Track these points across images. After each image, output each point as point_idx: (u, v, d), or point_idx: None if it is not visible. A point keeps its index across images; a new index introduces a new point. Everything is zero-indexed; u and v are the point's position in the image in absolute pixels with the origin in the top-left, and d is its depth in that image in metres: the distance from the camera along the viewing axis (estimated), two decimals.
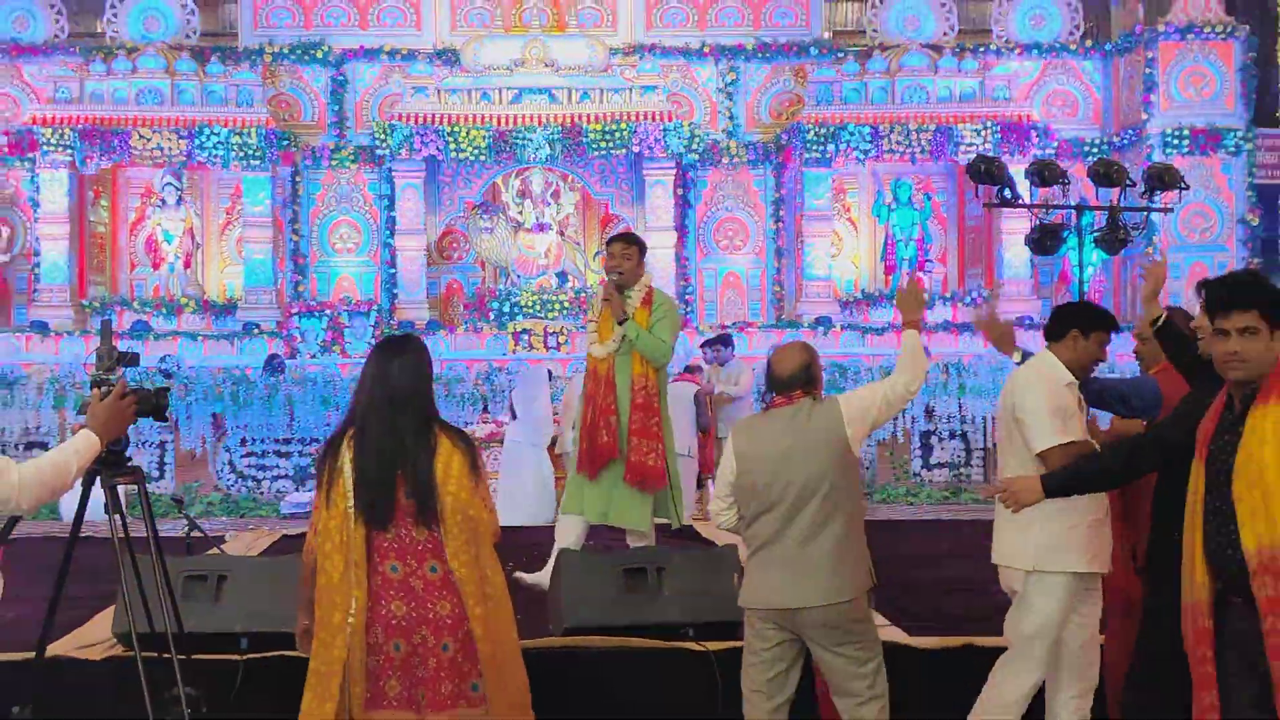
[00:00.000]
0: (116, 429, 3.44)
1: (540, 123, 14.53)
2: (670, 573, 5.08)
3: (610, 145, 14.58)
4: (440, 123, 14.53)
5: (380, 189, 15.58)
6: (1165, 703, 3.44)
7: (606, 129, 14.50)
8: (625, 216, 15.27)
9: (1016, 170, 11.44)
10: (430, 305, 15.29)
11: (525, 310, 14.67)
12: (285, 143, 15.12)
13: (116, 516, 3.75)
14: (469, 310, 15.29)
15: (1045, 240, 10.10)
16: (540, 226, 15.32)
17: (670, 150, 14.75)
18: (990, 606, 5.75)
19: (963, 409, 12.53)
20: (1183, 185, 9.82)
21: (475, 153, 14.65)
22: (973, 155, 11.59)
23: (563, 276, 15.30)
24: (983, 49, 15.51)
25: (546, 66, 14.81)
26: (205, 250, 15.63)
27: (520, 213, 15.32)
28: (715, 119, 15.85)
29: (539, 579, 6.10)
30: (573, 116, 14.52)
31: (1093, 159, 12.50)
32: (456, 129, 14.50)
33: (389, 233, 15.47)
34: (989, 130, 14.58)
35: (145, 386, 3.74)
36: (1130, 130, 15.07)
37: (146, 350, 13.00)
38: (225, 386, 12.41)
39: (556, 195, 15.46)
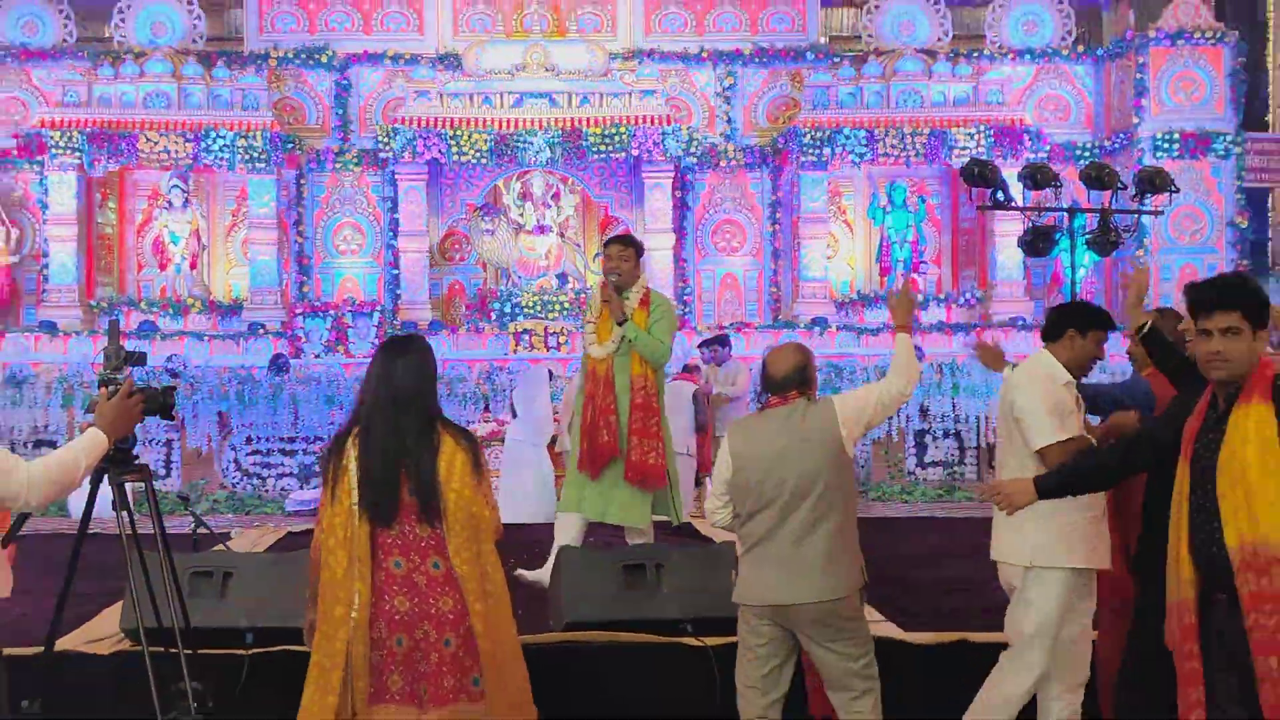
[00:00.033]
0: (124, 427, 3.45)
1: (541, 126, 14.57)
2: (669, 569, 5.08)
3: (610, 149, 14.62)
4: (442, 126, 14.56)
5: (383, 191, 15.62)
6: (1156, 701, 3.42)
7: (606, 133, 14.54)
8: (624, 219, 15.29)
9: (1009, 173, 11.49)
10: (433, 306, 15.33)
11: (526, 311, 14.68)
12: (290, 146, 15.16)
13: (124, 514, 3.75)
14: (471, 311, 15.32)
15: (1038, 242, 10.15)
16: (541, 228, 15.35)
17: (669, 153, 14.78)
18: (984, 603, 5.80)
19: (956, 408, 12.56)
20: (1173, 188, 9.89)
21: (477, 156, 14.68)
22: (966, 159, 11.62)
23: (563, 278, 15.30)
24: (976, 54, 15.59)
25: (547, 71, 14.85)
26: (211, 251, 15.68)
27: (521, 215, 15.34)
28: (713, 123, 15.88)
29: (540, 576, 6.08)
30: (573, 120, 14.57)
31: (1084, 162, 12.50)
32: (458, 132, 14.54)
33: (392, 234, 15.50)
34: (982, 134, 14.65)
35: (152, 386, 3.72)
36: (1121, 134, 15.14)
37: (153, 350, 13.08)
38: (231, 386, 12.44)
39: (557, 198, 15.47)
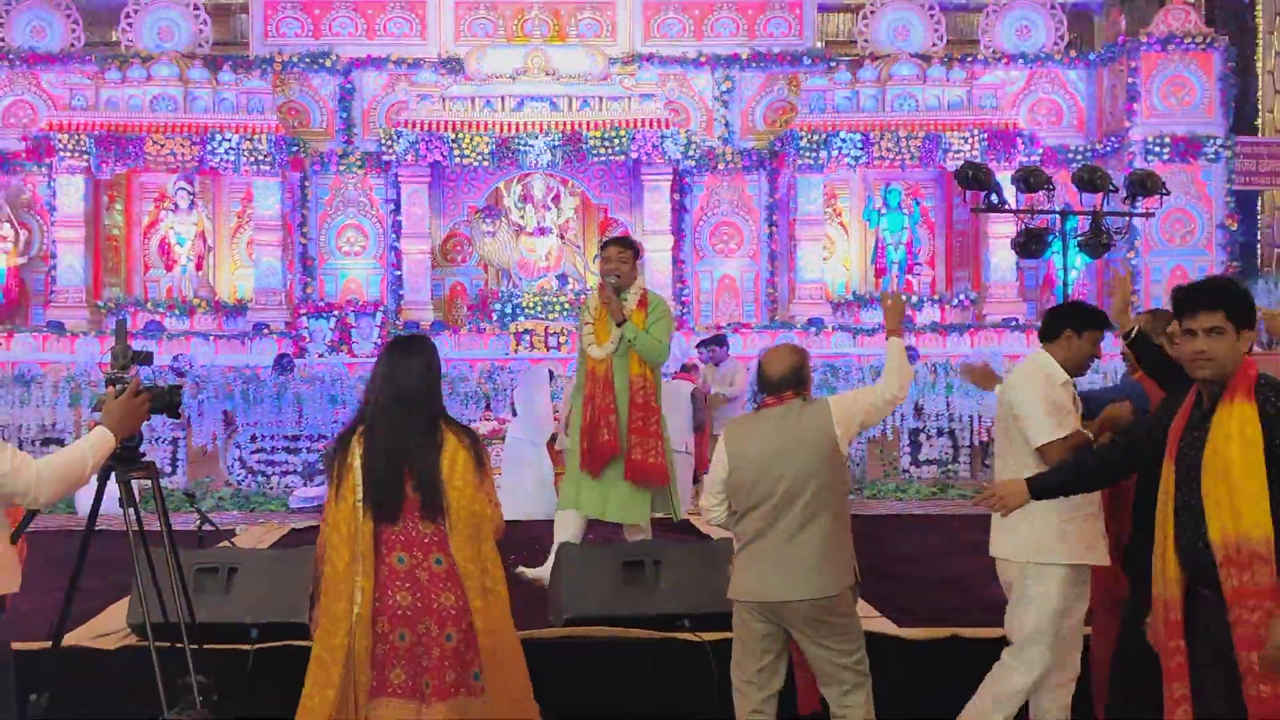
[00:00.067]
0: (131, 426, 3.48)
1: (541, 130, 14.66)
2: (667, 566, 5.11)
3: (609, 152, 14.69)
4: (444, 129, 14.65)
5: (386, 193, 15.71)
6: (1148, 698, 3.42)
7: (605, 136, 14.61)
8: (624, 221, 15.39)
9: (1003, 176, 11.52)
10: (435, 306, 15.41)
11: (527, 311, 14.73)
12: (294, 149, 15.26)
13: (130, 510, 3.79)
14: (472, 311, 15.42)
15: (1030, 244, 10.13)
16: (541, 230, 15.42)
17: (667, 156, 14.87)
18: (977, 599, 6.02)
19: (950, 407, 12.61)
20: (1164, 191, 9.89)
21: (478, 158, 14.77)
22: (961, 162, 11.59)
23: (563, 279, 15.36)
24: (970, 59, 15.66)
25: (548, 75, 14.93)
26: (217, 253, 15.77)
27: (522, 217, 15.41)
28: (711, 126, 15.96)
29: (540, 574, 6.11)
30: (573, 124, 14.64)
31: (1077, 165, 12.51)
32: (460, 135, 14.62)
33: (395, 236, 15.58)
34: (976, 138, 14.74)
35: (158, 384, 3.81)
36: (1113, 138, 15.22)
37: (159, 350, 13.21)
38: (236, 385, 12.48)
39: (557, 200, 15.53)
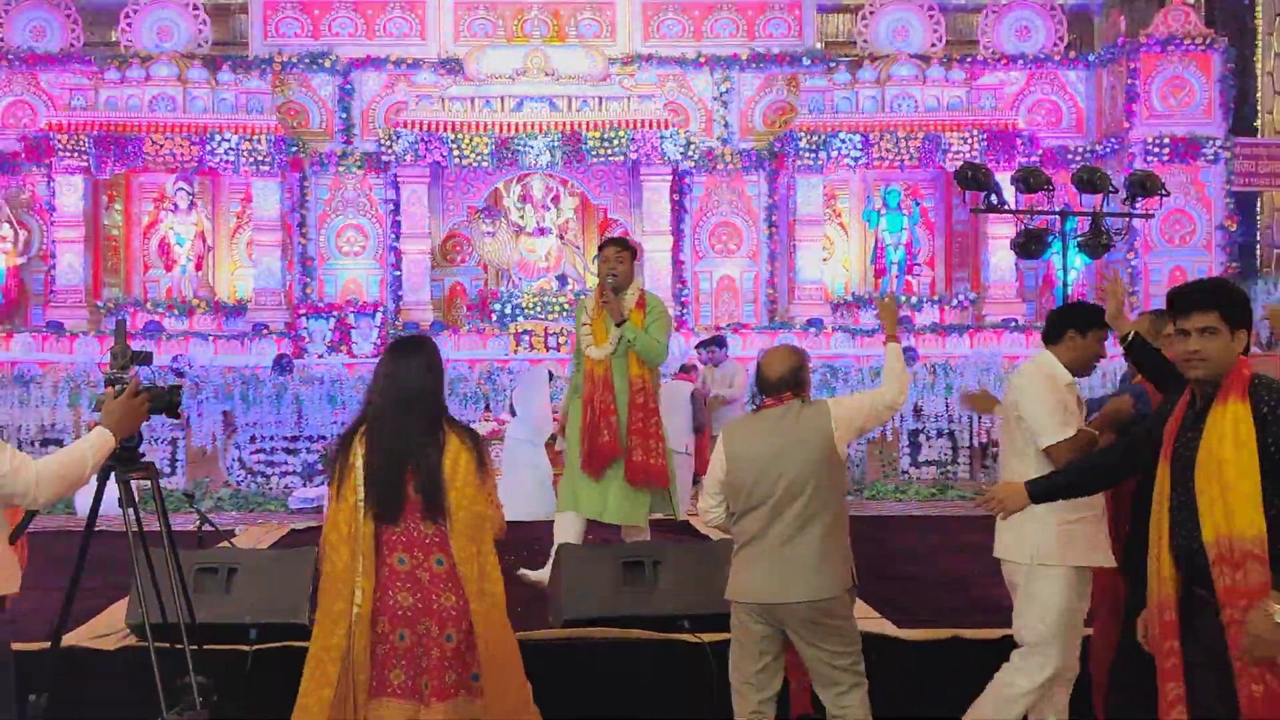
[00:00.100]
0: (130, 426, 3.48)
1: (541, 130, 14.67)
2: (666, 566, 5.12)
3: (609, 152, 14.70)
4: (444, 130, 14.65)
5: (386, 194, 15.71)
6: (1148, 698, 3.40)
7: (605, 136, 14.62)
8: (623, 221, 15.40)
9: (1002, 177, 11.51)
10: (434, 307, 15.42)
11: (526, 312, 14.75)
12: (294, 149, 15.26)
13: (130, 511, 3.78)
14: (472, 312, 15.43)
15: (1030, 245, 10.14)
16: (541, 231, 15.43)
17: (667, 157, 14.89)
18: (976, 600, 6.06)
19: (950, 408, 12.65)
20: (1163, 192, 9.87)
21: (478, 159, 14.78)
22: (960, 163, 11.58)
23: (563, 279, 15.37)
24: (970, 60, 15.66)
25: (547, 76, 14.93)
26: (216, 253, 15.78)
27: (521, 217, 15.42)
28: (710, 127, 15.96)
29: (542, 576, 6.08)
30: (572, 124, 14.65)
31: (1076, 166, 12.53)
32: (460, 136, 14.64)
33: (394, 236, 15.58)
34: (976, 138, 14.76)
35: (158, 385, 3.80)
36: (1113, 139, 15.22)
37: (159, 350, 13.22)
38: (235, 385, 12.47)
39: (556, 200, 15.55)
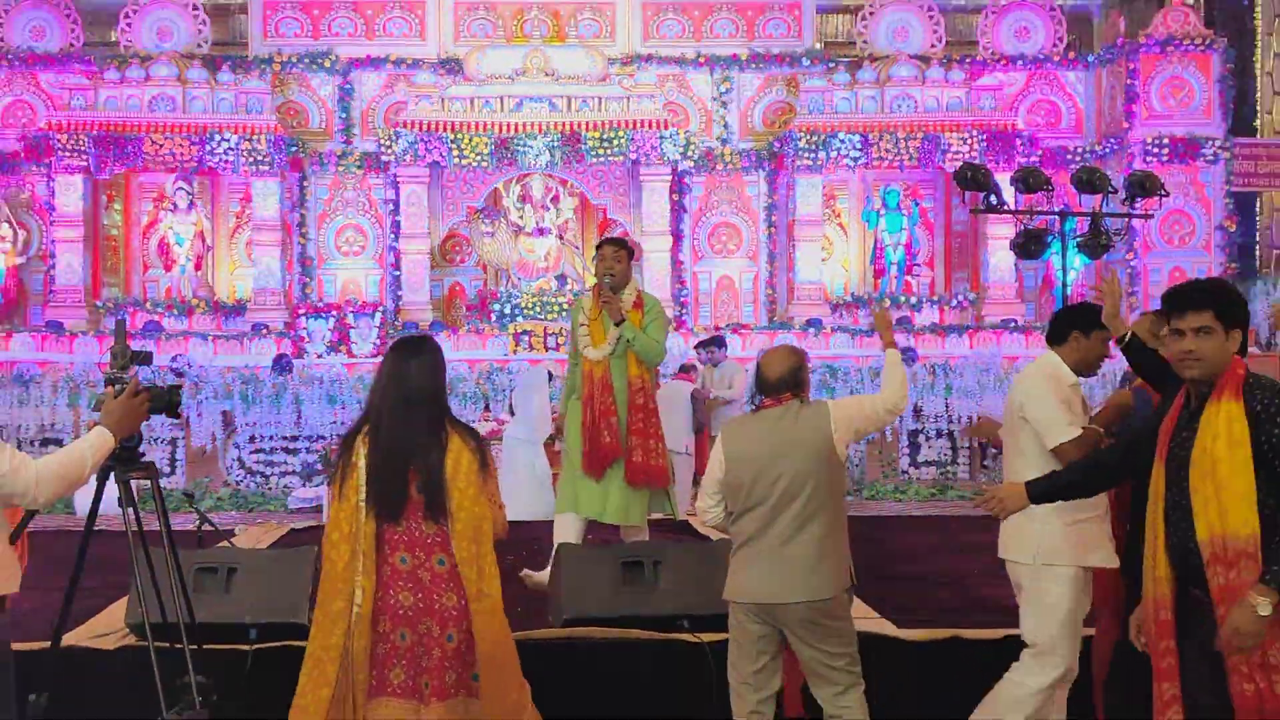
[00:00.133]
0: (130, 425, 3.47)
1: (540, 130, 14.68)
2: (666, 566, 5.13)
3: (608, 152, 14.72)
4: (443, 130, 14.66)
5: (385, 194, 15.71)
6: (1147, 699, 3.40)
7: (604, 136, 14.64)
8: (622, 221, 15.39)
9: (1002, 177, 11.53)
10: (433, 307, 15.42)
11: (525, 312, 14.75)
12: (293, 149, 15.26)
13: (130, 510, 3.79)
14: (471, 312, 15.42)
15: (1030, 245, 10.14)
16: (540, 231, 15.43)
17: (666, 157, 14.90)
18: (976, 600, 6.08)
19: (949, 409, 12.66)
20: (1163, 192, 9.87)
21: (477, 159, 14.79)
22: (959, 163, 11.58)
23: (562, 279, 15.37)
24: (969, 60, 15.64)
25: (547, 76, 14.94)
26: (215, 253, 15.78)
27: (521, 217, 15.41)
28: (710, 127, 15.95)
29: (544, 578, 6.05)
30: (572, 124, 14.66)
31: (1076, 167, 12.50)
32: (459, 136, 14.65)
33: (394, 236, 15.57)
34: (975, 139, 14.75)
35: (158, 385, 3.79)
36: (1112, 139, 15.21)
37: (158, 350, 13.20)
38: (235, 385, 12.52)
39: (556, 200, 15.53)
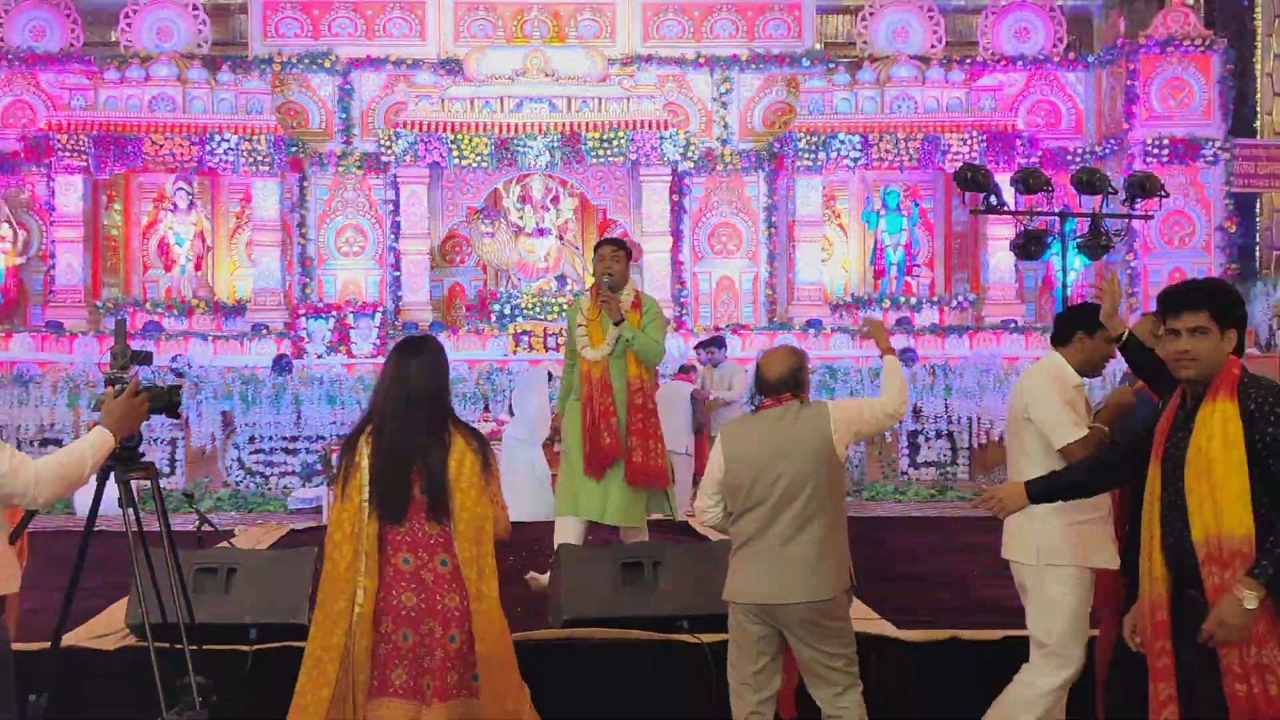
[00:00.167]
0: (130, 426, 3.48)
1: (540, 131, 14.66)
2: (666, 567, 5.14)
3: (608, 153, 14.70)
4: (443, 130, 14.65)
5: (385, 194, 15.70)
6: (1146, 700, 3.39)
7: (604, 137, 14.62)
8: (622, 222, 15.39)
9: (1002, 178, 11.54)
10: (433, 307, 15.40)
11: (525, 312, 14.74)
12: (293, 149, 15.25)
13: (130, 511, 3.79)
14: (471, 312, 15.41)
15: (1030, 246, 10.18)
16: (540, 231, 15.41)
17: (666, 157, 14.89)
18: (975, 601, 6.10)
19: (949, 409, 12.73)
20: (1163, 193, 9.88)
21: (477, 159, 14.77)
22: (959, 164, 11.58)
23: (562, 280, 15.36)
24: (969, 61, 15.62)
25: (547, 76, 14.93)
26: (215, 253, 15.77)
27: (521, 218, 15.39)
28: (710, 127, 15.94)
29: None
30: (572, 125, 14.64)
31: (1076, 167, 12.40)
32: (459, 136, 14.63)
33: (394, 237, 15.55)
34: (975, 139, 14.73)
35: (158, 385, 3.79)
36: (1112, 140, 15.19)
37: (158, 350, 13.20)
38: (234, 385, 12.57)
39: (556, 201, 15.51)
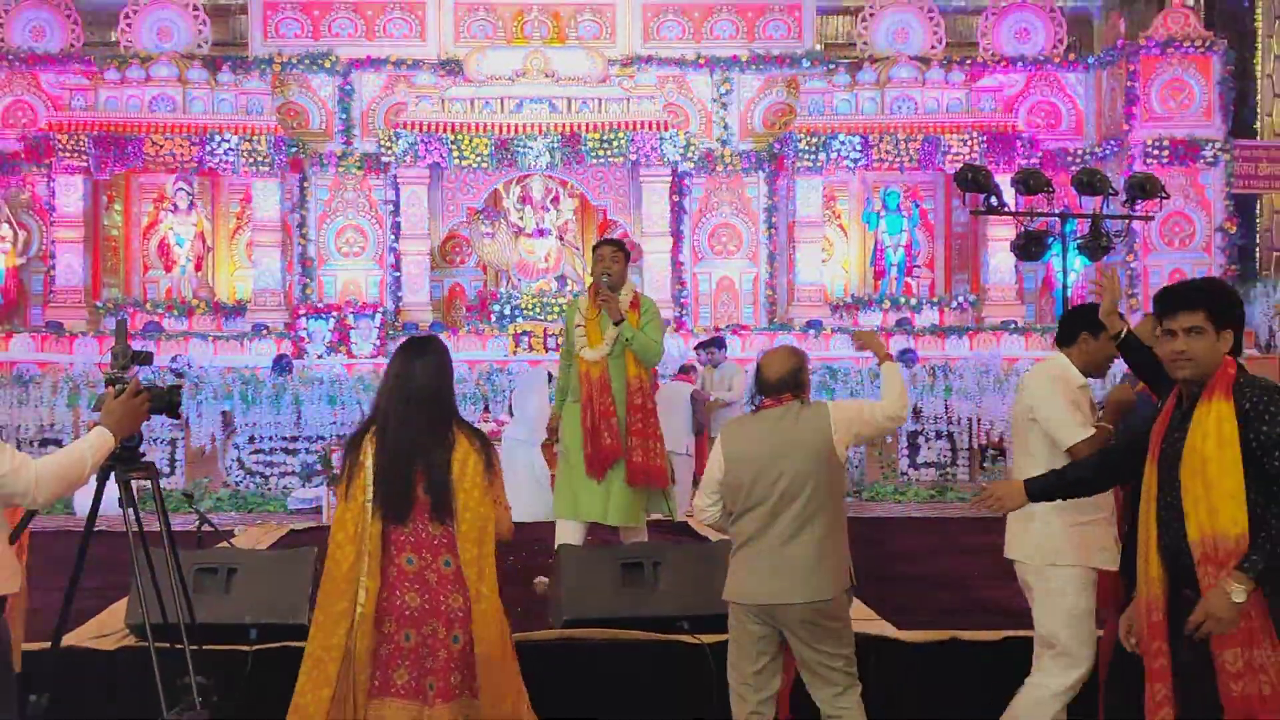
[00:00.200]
0: (130, 426, 3.48)
1: (541, 131, 14.66)
2: (666, 567, 5.16)
3: (608, 153, 14.70)
4: (444, 131, 14.64)
5: (385, 195, 15.69)
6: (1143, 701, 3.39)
7: (605, 137, 14.62)
8: (622, 222, 15.38)
9: (1002, 179, 11.53)
10: (433, 307, 15.40)
11: (525, 313, 14.74)
12: (294, 150, 15.24)
13: (130, 511, 3.80)
14: (471, 313, 15.40)
15: (1030, 247, 10.16)
16: (540, 232, 15.41)
17: (666, 158, 14.89)
18: (975, 601, 6.12)
19: (949, 410, 12.74)
20: (1163, 194, 9.88)
21: (478, 160, 14.77)
22: (960, 164, 11.57)
23: (562, 280, 15.36)
24: (969, 62, 15.61)
25: (547, 77, 14.94)
26: (215, 253, 15.77)
27: (521, 218, 15.39)
28: (710, 128, 15.93)
29: None
30: (572, 125, 14.64)
31: (1076, 168, 12.51)
32: (459, 137, 14.63)
33: (394, 237, 15.54)
34: (976, 140, 14.73)
35: (158, 385, 3.80)
36: (1112, 141, 15.17)
37: (158, 351, 13.22)
38: (235, 386, 12.58)
39: (556, 201, 15.51)
